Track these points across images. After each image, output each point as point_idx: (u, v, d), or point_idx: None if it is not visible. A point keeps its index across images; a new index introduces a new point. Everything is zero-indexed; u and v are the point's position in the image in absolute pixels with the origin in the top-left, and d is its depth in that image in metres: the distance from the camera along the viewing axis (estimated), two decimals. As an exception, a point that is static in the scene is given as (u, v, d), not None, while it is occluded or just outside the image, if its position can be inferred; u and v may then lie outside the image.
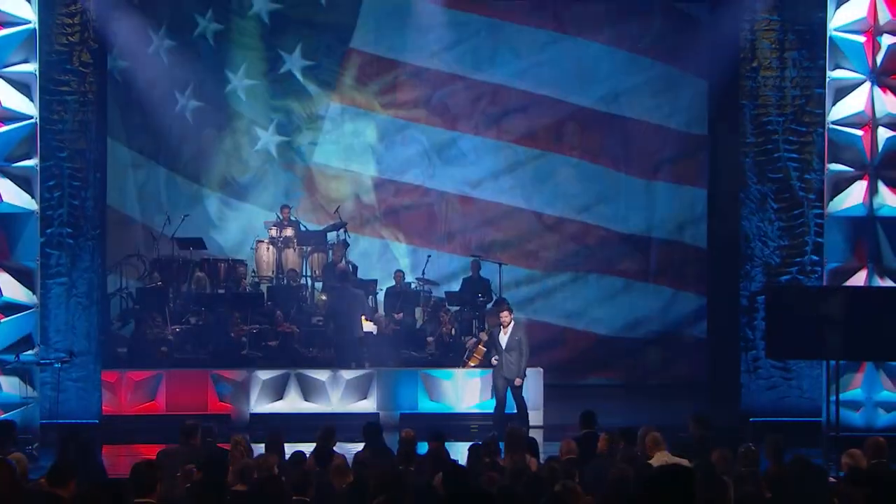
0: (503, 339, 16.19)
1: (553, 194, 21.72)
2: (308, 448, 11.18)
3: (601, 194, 21.72)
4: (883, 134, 15.54)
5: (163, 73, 20.99)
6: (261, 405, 17.29)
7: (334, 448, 11.27)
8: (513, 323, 16.30)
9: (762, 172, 16.35)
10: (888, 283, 15.47)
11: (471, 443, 11.88)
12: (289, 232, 20.08)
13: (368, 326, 18.46)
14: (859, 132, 15.57)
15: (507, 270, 20.59)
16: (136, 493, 7.77)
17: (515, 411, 16.23)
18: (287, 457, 10.91)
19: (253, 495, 8.77)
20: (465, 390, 17.43)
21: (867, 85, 15.56)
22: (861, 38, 15.56)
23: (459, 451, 14.36)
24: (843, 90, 15.65)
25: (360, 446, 12.10)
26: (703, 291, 20.22)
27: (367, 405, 17.32)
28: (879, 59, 15.51)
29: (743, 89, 16.48)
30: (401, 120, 21.76)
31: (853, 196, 15.59)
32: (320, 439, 11.36)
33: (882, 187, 15.59)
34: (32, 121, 15.47)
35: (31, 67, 15.49)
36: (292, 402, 17.34)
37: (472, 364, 17.53)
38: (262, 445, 11.57)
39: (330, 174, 21.74)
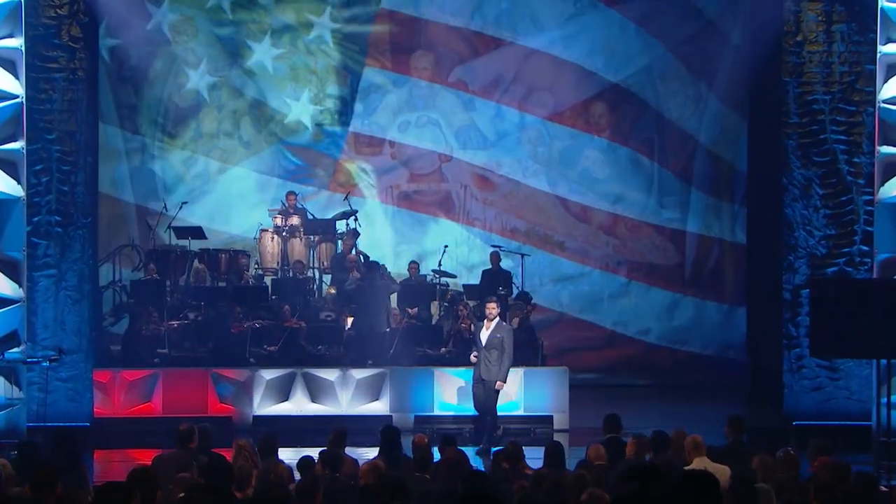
0: (484, 334, 15.91)
1: (580, 180, 21.71)
2: (312, 452, 11.18)
3: (632, 181, 21.72)
4: (939, 114, 15.46)
5: (165, 49, 21.14)
6: (264, 407, 17.30)
7: (344, 452, 11.28)
8: (497, 319, 16.04)
9: (807, 156, 16.26)
10: (944, 275, 15.39)
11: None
12: (295, 220, 20.06)
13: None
14: (913, 112, 15.48)
15: (529, 262, 20.60)
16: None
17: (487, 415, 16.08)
18: (287, 460, 10.92)
19: (255, 502, 8.77)
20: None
21: (922, 60, 15.48)
22: (916, 9, 15.47)
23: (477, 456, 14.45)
24: (896, 66, 15.58)
25: (371, 451, 12.11)
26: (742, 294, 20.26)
27: (380, 407, 17.31)
28: (936, 32, 15.43)
29: (786, 65, 16.38)
30: (418, 99, 21.80)
31: (906, 181, 15.51)
32: (331, 443, 11.34)
33: (938, 172, 15.50)
34: (18, 100, 15.47)
35: (16, 42, 15.47)
36: (299, 404, 17.34)
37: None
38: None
39: (346, 157, 21.85)
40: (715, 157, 21.67)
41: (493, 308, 16.13)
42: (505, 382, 16.01)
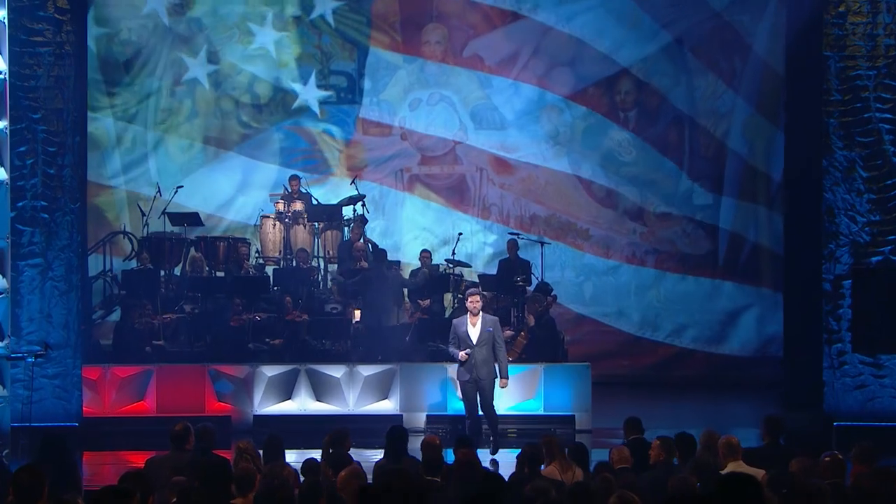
0: (472, 331, 15.42)
1: (604, 161, 21.68)
2: (317, 454, 11.16)
3: (660, 162, 21.68)
4: None
5: (162, 31, 21.22)
6: (266, 406, 17.30)
7: (349, 454, 11.24)
8: (481, 313, 15.56)
9: (849, 136, 16.17)
10: None
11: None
12: (298, 206, 20.05)
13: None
14: (965, 88, 15.41)
15: (549, 251, 20.57)
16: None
17: (485, 419, 15.80)
18: (290, 462, 10.91)
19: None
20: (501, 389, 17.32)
21: (975, 32, 15.40)
22: (968, -24, 15.40)
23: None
24: (947, 38, 15.50)
25: (379, 453, 12.08)
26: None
27: (389, 405, 17.32)
28: None
29: (827, 38, 16.28)
30: (430, 75, 21.79)
31: (957, 163, 15.45)
32: (334, 444, 11.31)
33: None
34: (1, 76, 15.46)
35: (-1, 14, 15.49)
36: (302, 403, 17.35)
37: (510, 358, 17.42)
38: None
39: (352, 140, 21.88)
40: (749, 140, 21.61)
41: (476, 301, 15.53)
42: (507, 379, 15.68)
